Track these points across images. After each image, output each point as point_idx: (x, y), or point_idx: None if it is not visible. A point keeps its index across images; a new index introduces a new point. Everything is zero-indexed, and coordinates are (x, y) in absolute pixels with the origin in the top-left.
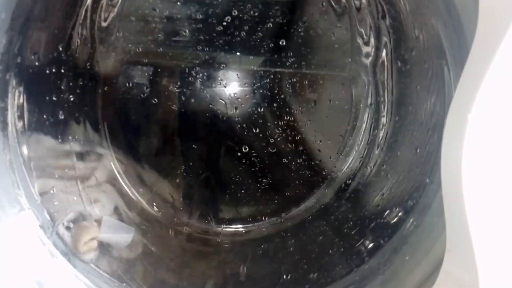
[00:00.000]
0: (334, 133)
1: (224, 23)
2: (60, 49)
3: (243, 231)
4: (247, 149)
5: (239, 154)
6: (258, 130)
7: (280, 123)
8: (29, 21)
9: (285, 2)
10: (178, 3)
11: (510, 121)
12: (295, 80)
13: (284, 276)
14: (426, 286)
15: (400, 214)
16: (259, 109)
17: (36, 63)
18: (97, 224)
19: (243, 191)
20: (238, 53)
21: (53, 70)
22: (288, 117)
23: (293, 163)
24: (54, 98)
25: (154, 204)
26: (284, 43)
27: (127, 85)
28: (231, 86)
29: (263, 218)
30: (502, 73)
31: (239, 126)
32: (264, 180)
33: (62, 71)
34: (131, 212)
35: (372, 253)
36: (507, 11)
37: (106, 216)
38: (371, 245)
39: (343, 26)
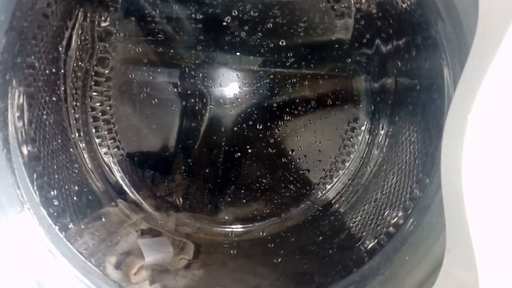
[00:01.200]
0: (334, 133)
1: (224, 23)
2: (60, 49)
3: (243, 231)
4: (247, 149)
5: (239, 154)
6: (258, 130)
7: (280, 123)
8: (29, 21)
9: (285, 3)
10: (178, 3)
11: (510, 121)
12: (295, 80)
13: (284, 276)
14: (426, 286)
15: (400, 214)
16: (259, 109)
17: (36, 63)
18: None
19: (243, 191)
20: (238, 53)
21: (53, 70)
22: (288, 117)
23: (293, 163)
24: (54, 98)
25: (155, 205)
26: (284, 43)
27: (127, 85)
28: (231, 86)
29: (263, 218)
30: (502, 73)
31: (238, 126)
32: (264, 181)
33: (62, 71)
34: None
35: (372, 253)
36: (506, 11)
37: (140, 239)
38: (371, 245)
39: (343, 26)
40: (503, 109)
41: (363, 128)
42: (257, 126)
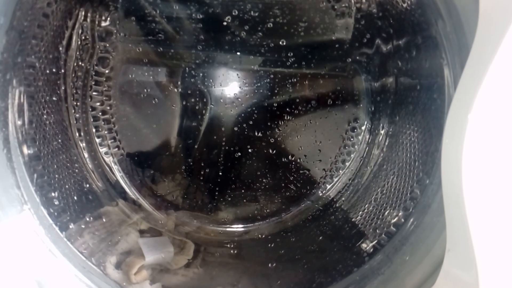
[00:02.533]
0: (334, 133)
1: (224, 23)
2: (60, 49)
3: (243, 231)
4: (247, 149)
5: (239, 153)
6: (258, 130)
7: (280, 123)
8: (30, 21)
9: (285, 2)
10: (178, 3)
11: (510, 121)
12: (295, 80)
13: (284, 276)
14: (426, 286)
15: (400, 214)
16: (259, 109)
17: (37, 63)
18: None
19: (243, 191)
20: (238, 53)
21: (53, 70)
22: (288, 117)
23: (293, 162)
24: (54, 98)
25: (155, 204)
26: (284, 43)
27: (127, 84)
28: (231, 86)
29: (263, 218)
30: (502, 73)
31: (239, 125)
32: (264, 180)
33: (62, 70)
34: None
35: (372, 253)
36: (507, 11)
37: (140, 239)
38: (371, 245)
39: (343, 26)
40: (503, 109)
41: (363, 127)
42: (257, 126)
